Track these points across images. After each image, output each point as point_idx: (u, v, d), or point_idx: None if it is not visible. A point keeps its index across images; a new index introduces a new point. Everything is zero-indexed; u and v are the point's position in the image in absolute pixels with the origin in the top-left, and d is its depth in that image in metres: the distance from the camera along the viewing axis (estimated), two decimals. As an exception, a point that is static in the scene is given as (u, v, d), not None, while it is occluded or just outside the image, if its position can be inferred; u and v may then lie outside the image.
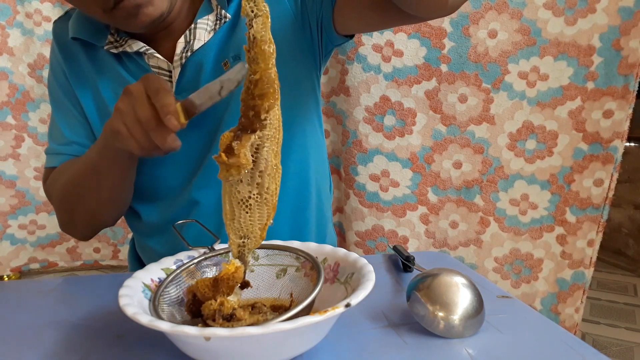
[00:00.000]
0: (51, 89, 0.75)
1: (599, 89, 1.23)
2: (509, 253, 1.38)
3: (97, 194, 0.67)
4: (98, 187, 0.66)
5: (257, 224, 0.45)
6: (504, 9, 1.22)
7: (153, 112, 0.50)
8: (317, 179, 0.78)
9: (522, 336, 0.48)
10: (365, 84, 1.32)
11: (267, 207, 0.45)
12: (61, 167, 0.72)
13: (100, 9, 0.58)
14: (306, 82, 0.73)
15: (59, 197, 0.71)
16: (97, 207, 0.69)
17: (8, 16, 1.84)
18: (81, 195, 0.67)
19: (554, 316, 1.38)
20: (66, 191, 0.69)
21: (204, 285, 0.45)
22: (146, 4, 0.58)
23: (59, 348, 0.48)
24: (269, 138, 0.43)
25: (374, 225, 1.41)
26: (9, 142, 1.95)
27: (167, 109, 0.48)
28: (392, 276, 0.65)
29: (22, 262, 2.10)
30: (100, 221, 0.72)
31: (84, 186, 0.66)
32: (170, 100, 0.49)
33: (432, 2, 0.54)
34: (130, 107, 0.51)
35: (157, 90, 0.50)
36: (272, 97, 0.42)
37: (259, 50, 0.41)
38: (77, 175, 0.67)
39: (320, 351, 0.45)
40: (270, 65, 0.41)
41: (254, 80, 0.41)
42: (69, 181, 0.68)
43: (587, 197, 1.30)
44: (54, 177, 0.73)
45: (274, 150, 0.44)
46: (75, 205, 0.69)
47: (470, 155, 1.34)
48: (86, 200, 0.68)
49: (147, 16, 0.59)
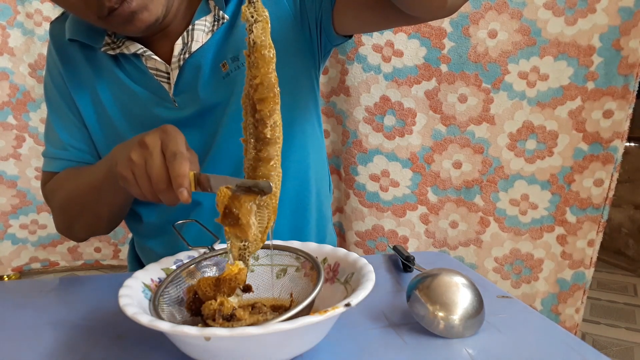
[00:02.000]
0: (47, 91, 0.75)
1: (599, 89, 1.23)
2: (509, 253, 1.38)
3: (96, 210, 0.67)
4: (98, 205, 0.66)
5: (258, 227, 0.45)
6: (503, 9, 1.22)
7: (165, 176, 0.48)
8: (316, 179, 0.78)
9: (522, 336, 0.48)
10: (365, 84, 1.32)
11: (268, 211, 0.45)
12: (61, 177, 0.72)
13: (95, 15, 0.58)
14: (305, 82, 0.73)
15: (58, 208, 0.71)
16: (96, 221, 0.70)
17: (8, 16, 1.85)
18: (81, 210, 0.68)
19: (554, 316, 1.38)
20: (66, 205, 0.69)
21: (206, 284, 0.45)
22: (141, 10, 0.58)
23: (59, 348, 0.48)
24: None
25: (374, 225, 1.41)
26: (10, 142, 1.95)
27: (181, 181, 0.47)
28: (392, 276, 0.65)
29: (23, 261, 2.10)
30: (97, 231, 0.73)
31: (84, 201, 0.67)
32: (185, 169, 0.47)
33: (430, 3, 0.54)
34: (143, 160, 0.50)
35: (174, 154, 0.48)
36: (272, 102, 0.42)
37: (259, 55, 0.41)
38: (78, 191, 0.67)
39: (320, 351, 0.45)
40: (271, 70, 0.41)
41: (255, 85, 0.41)
42: (69, 195, 0.68)
43: (587, 197, 1.30)
44: (53, 185, 0.73)
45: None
46: (74, 215, 0.70)
47: (470, 155, 1.34)
48: (85, 214, 0.69)
49: (142, 22, 0.59)
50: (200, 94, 0.67)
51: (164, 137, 0.50)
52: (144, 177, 0.50)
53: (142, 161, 0.50)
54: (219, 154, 0.69)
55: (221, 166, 0.70)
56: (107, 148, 0.73)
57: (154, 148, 0.49)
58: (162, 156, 0.49)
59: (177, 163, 0.47)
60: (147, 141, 0.50)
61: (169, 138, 0.50)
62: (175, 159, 0.48)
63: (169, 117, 0.68)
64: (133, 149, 0.51)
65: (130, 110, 0.70)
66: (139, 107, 0.69)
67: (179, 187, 0.47)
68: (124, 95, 0.69)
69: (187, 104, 0.68)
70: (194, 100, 0.67)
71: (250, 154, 0.45)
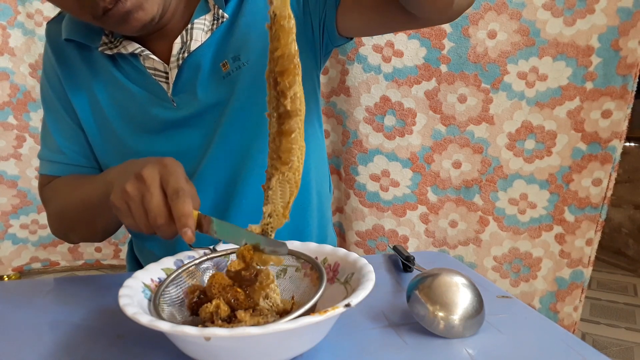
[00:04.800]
0: (44, 92, 0.74)
1: (598, 89, 1.23)
2: (508, 252, 1.38)
3: (91, 226, 0.68)
4: (92, 221, 0.66)
5: (280, 203, 0.46)
6: (503, 9, 1.23)
7: (165, 212, 0.47)
8: (317, 181, 0.78)
9: (522, 336, 0.48)
10: (365, 84, 1.32)
11: (290, 185, 0.45)
12: (57, 185, 0.72)
13: (90, 15, 0.57)
14: (307, 83, 0.73)
15: (54, 215, 0.72)
16: (91, 234, 0.71)
17: (9, 16, 1.85)
18: (75, 223, 0.69)
19: (553, 315, 1.38)
20: (61, 214, 0.70)
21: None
22: (136, 9, 0.57)
23: (59, 348, 0.48)
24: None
25: (374, 225, 1.41)
26: (11, 142, 1.95)
27: (185, 220, 0.45)
28: (392, 276, 0.65)
29: (23, 261, 2.10)
30: (93, 240, 0.73)
31: (79, 218, 0.67)
32: (190, 208, 0.46)
33: (437, 3, 0.53)
34: (139, 194, 0.48)
35: (176, 192, 0.46)
36: (292, 73, 0.41)
37: (279, 27, 0.40)
38: (73, 205, 0.67)
39: (320, 351, 0.45)
40: (290, 41, 0.41)
41: (276, 57, 0.41)
42: (64, 207, 0.69)
43: (586, 196, 1.30)
44: (49, 192, 0.73)
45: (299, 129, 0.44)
46: (69, 228, 0.71)
47: (469, 155, 1.34)
48: (79, 228, 0.69)
49: (137, 21, 0.59)
50: (199, 93, 0.67)
51: (163, 172, 0.49)
52: (140, 211, 0.49)
53: (139, 195, 0.48)
54: (218, 154, 0.69)
55: (220, 166, 0.70)
56: (104, 149, 0.73)
57: (152, 182, 0.48)
58: (162, 192, 0.48)
59: (180, 202, 0.46)
60: (144, 175, 0.48)
61: (169, 173, 0.48)
62: (179, 198, 0.46)
63: (167, 117, 0.68)
64: (129, 181, 0.49)
65: (128, 111, 0.69)
66: (136, 107, 0.68)
67: (184, 227, 0.45)
68: (121, 95, 0.69)
69: (186, 103, 0.67)
70: (193, 100, 0.67)
71: (273, 127, 0.44)
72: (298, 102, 0.42)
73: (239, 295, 0.44)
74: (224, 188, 0.71)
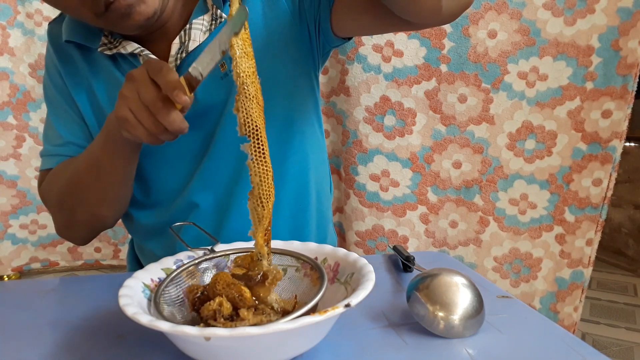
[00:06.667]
0: (46, 90, 0.74)
1: (598, 89, 1.23)
2: (508, 252, 1.38)
3: (97, 192, 0.66)
4: (99, 183, 0.65)
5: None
6: (503, 9, 1.23)
7: (158, 93, 0.49)
8: (316, 180, 0.78)
9: (522, 336, 0.48)
10: (365, 84, 1.32)
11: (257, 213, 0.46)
12: (57, 169, 0.71)
13: (92, 13, 0.57)
14: (305, 83, 0.73)
15: (57, 198, 0.70)
16: (98, 205, 0.68)
17: (9, 16, 1.85)
18: (81, 193, 0.66)
19: (553, 315, 1.38)
20: (65, 191, 0.68)
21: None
22: (138, 3, 0.58)
23: (59, 348, 0.48)
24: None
25: (374, 225, 1.41)
26: (10, 142, 1.95)
27: (172, 85, 0.48)
28: (392, 276, 0.65)
29: (23, 261, 2.10)
30: (100, 221, 0.70)
31: (84, 183, 0.65)
32: (174, 76, 0.48)
33: (424, 7, 0.53)
34: (134, 91, 0.51)
35: (159, 69, 0.49)
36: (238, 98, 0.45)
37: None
38: (77, 172, 0.66)
39: (320, 351, 0.45)
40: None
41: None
42: (68, 180, 0.67)
43: (586, 196, 1.30)
44: (49, 179, 0.71)
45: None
46: (75, 204, 0.68)
47: (469, 155, 1.34)
48: (86, 199, 0.67)
49: (140, 15, 0.59)
50: (198, 94, 0.67)
51: (147, 65, 0.51)
52: (141, 107, 0.51)
53: (134, 92, 0.51)
54: (217, 155, 0.69)
55: (219, 167, 0.70)
56: None
57: (141, 76, 0.50)
58: (151, 80, 0.50)
59: (163, 74, 0.48)
60: (134, 74, 0.51)
61: (152, 65, 0.51)
62: (161, 72, 0.49)
63: None
64: (124, 87, 0.52)
65: None
66: None
67: (172, 91, 0.48)
68: None
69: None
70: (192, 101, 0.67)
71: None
72: (244, 128, 0.44)
73: (244, 292, 0.44)
74: (224, 188, 0.71)
